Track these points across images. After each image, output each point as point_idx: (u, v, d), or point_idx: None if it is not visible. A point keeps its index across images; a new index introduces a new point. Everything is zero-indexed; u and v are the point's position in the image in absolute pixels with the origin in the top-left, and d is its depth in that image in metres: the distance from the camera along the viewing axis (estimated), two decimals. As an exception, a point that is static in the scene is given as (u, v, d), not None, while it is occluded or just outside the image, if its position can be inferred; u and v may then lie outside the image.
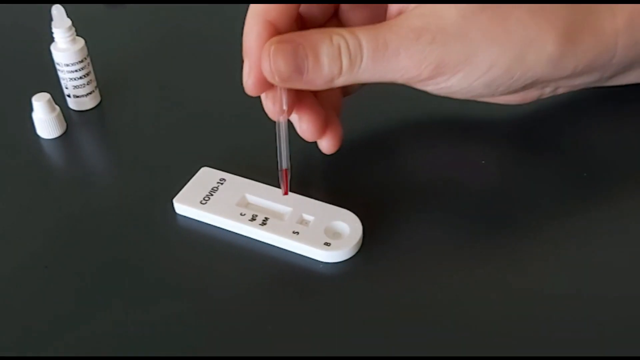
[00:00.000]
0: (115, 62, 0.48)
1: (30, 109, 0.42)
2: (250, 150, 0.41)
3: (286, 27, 0.33)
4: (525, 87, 0.36)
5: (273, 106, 0.35)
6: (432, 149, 0.41)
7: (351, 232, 0.35)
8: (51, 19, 0.41)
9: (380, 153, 0.41)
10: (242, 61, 0.35)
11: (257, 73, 0.33)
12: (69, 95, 0.44)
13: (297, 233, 0.35)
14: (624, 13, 0.36)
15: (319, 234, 0.35)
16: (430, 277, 0.34)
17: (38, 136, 0.43)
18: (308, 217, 0.36)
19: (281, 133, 0.35)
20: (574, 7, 0.35)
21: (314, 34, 0.33)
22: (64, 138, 0.43)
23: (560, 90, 0.38)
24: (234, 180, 0.38)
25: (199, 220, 0.37)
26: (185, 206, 0.37)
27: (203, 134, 0.43)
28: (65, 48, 0.42)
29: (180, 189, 0.37)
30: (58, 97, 0.44)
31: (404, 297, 0.33)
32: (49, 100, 0.41)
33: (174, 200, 0.37)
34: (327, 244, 0.34)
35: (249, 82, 0.34)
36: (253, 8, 0.33)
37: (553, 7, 0.34)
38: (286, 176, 0.35)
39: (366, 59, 0.32)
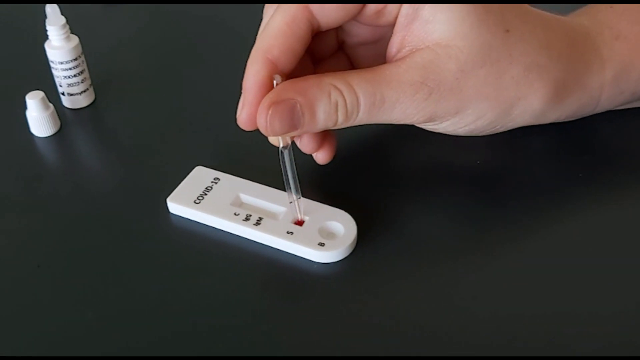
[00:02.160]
0: (110, 60, 0.48)
1: (24, 107, 0.42)
2: (245, 150, 0.41)
3: (288, 65, 0.33)
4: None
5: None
6: (427, 150, 0.40)
7: (345, 233, 0.35)
8: (45, 17, 0.41)
9: (375, 153, 0.40)
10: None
11: (250, 110, 0.33)
12: (63, 94, 0.44)
13: (292, 233, 0.35)
14: (614, 66, 0.36)
15: (313, 234, 0.34)
16: (424, 277, 0.34)
17: (32, 134, 0.42)
18: (302, 217, 0.35)
19: (286, 163, 0.34)
20: (569, 64, 0.35)
21: (311, 89, 0.32)
22: (58, 136, 0.42)
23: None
24: (228, 180, 0.38)
25: (192, 220, 0.36)
26: (178, 205, 0.37)
27: (197, 133, 0.42)
28: (59, 46, 0.42)
29: (174, 188, 0.37)
30: (52, 95, 0.43)
31: (398, 297, 0.33)
32: (42, 98, 0.41)
33: (168, 200, 0.37)
34: (321, 244, 0.34)
35: (242, 117, 0.34)
36: (257, 43, 0.33)
37: (551, 63, 0.34)
38: (298, 205, 0.35)
39: (362, 114, 0.33)
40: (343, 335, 0.31)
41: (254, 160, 0.40)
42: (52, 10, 0.41)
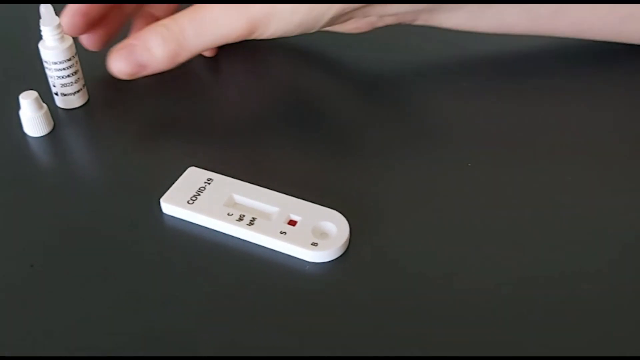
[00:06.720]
0: (104, 60, 0.48)
1: (18, 107, 0.42)
2: (238, 151, 0.41)
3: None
4: (346, 19, 0.42)
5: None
6: (419, 150, 0.41)
7: (338, 232, 0.35)
8: (39, 17, 0.41)
9: (368, 153, 0.41)
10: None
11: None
12: (56, 94, 0.44)
13: (285, 233, 0.35)
14: None
15: (306, 234, 0.35)
16: (417, 277, 0.34)
17: (25, 134, 0.42)
18: (295, 217, 0.36)
19: None
20: None
21: (144, 32, 0.40)
22: (52, 136, 0.42)
23: (388, 20, 0.44)
24: (221, 180, 0.38)
25: (186, 220, 0.37)
26: (172, 206, 0.37)
27: (191, 134, 0.43)
28: (53, 46, 0.42)
29: (168, 189, 0.37)
30: (46, 95, 0.43)
31: (391, 297, 0.33)
32: (36, 98, 0.41)
33: (161, 200, 0.37)
34: (314, 244, 0.34)
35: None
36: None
37: None
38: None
39: (192, 36, 0.39)
40: (335, 335, 0.31)
41: (247, 161, 0.40)
42: (46, 10, 0.41)
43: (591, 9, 0.43)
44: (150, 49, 0.39)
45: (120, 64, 0.40)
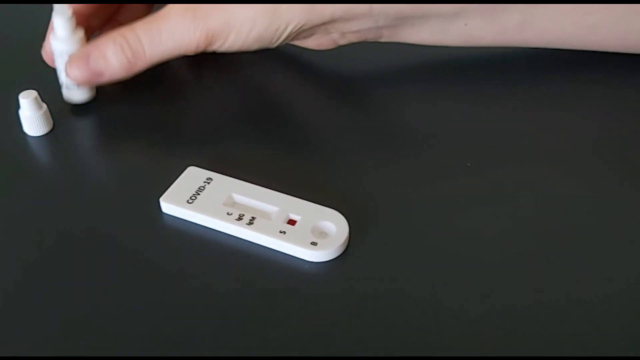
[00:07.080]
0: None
1: (17, 106, 0.42)
2: (237, 150, 0.41)
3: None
4: (306, 36, 0.42)
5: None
6: (419, 149, 0.41)
7: (338, 232, 0.35)
8: (51, 9, 0.41)
9: (367, 152, 0.41)
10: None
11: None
12: (63, 85, 0.43)
13: (284, 232, 0.35)
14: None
15: (305, 233, 0.35)
16: (417, 276, 0.34)
17: (24, 134, 0.42)
18: (295, 217, 0.36)
19: None
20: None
21: (101, 40, 0.40)
22: (51, 136, 0.42)
23: (350, 37, 0.44)
24: (221, 180, 0.38)
25: (185, 220, 0.37)
26: (171, 205, 0.37)
27: (190, 133, 0.43)
28: (65, 36, 0.41)
29: (167, 188, 0.37)
30: (46, 95, 0.43)
31: (390, 296, 0.33)
32: (35, 98, 0.41)
33: (161, 199, 0.37)
34: (313, 243, 0.34)
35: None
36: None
37: None
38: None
39: (148, 46, 0.40)
40: (335, 335, 0.31)
41: (246, 160, 0.40)
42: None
43: (556, 21, 0.43)
44: (107, 57, 0.40)
45: (76, 72, 0.41)
